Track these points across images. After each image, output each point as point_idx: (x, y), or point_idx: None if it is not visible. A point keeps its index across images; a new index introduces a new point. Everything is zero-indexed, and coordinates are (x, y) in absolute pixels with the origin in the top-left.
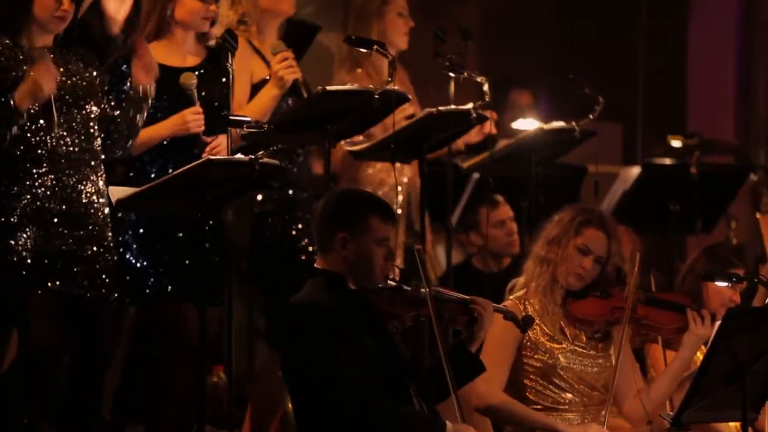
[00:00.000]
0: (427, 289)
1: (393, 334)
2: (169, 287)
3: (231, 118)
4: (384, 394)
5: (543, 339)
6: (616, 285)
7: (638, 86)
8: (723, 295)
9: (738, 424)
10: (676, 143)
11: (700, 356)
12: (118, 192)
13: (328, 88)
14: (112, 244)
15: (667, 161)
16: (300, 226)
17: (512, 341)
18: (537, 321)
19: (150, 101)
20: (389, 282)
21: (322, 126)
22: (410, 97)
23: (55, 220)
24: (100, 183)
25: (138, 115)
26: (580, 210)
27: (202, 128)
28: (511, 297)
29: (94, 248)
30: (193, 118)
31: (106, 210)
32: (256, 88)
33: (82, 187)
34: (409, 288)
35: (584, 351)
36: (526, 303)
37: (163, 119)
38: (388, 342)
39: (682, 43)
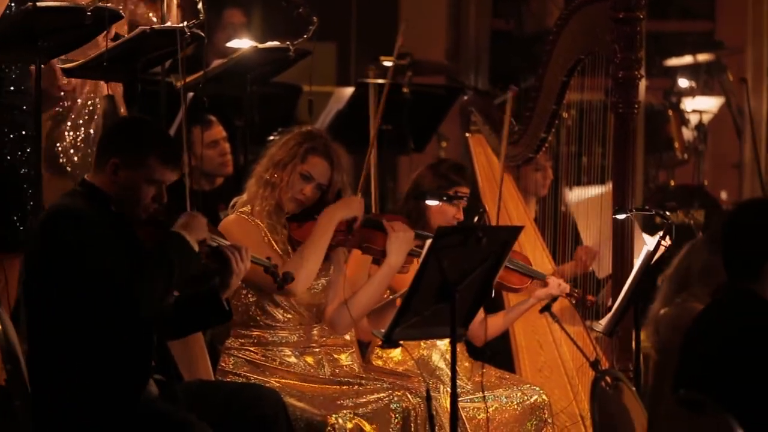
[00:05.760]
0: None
1: None
2: None
3: None
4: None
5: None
6: None
7: (352, 7)
8: (446, 214)
9: None
10: (388, 63)
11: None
12: None
13: (39, 3)
14: None
15: (380, 81)
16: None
17: None
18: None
19: None
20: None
21: (33, 43)
22: (123, 15)
23: None
24: None
25: None
26: (307, 136)
27: None
28: (236, 212)
29: None
30: None
31: None
32: None
33: None
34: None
35: None
36: (252, 222)
37: None
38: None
39: None
